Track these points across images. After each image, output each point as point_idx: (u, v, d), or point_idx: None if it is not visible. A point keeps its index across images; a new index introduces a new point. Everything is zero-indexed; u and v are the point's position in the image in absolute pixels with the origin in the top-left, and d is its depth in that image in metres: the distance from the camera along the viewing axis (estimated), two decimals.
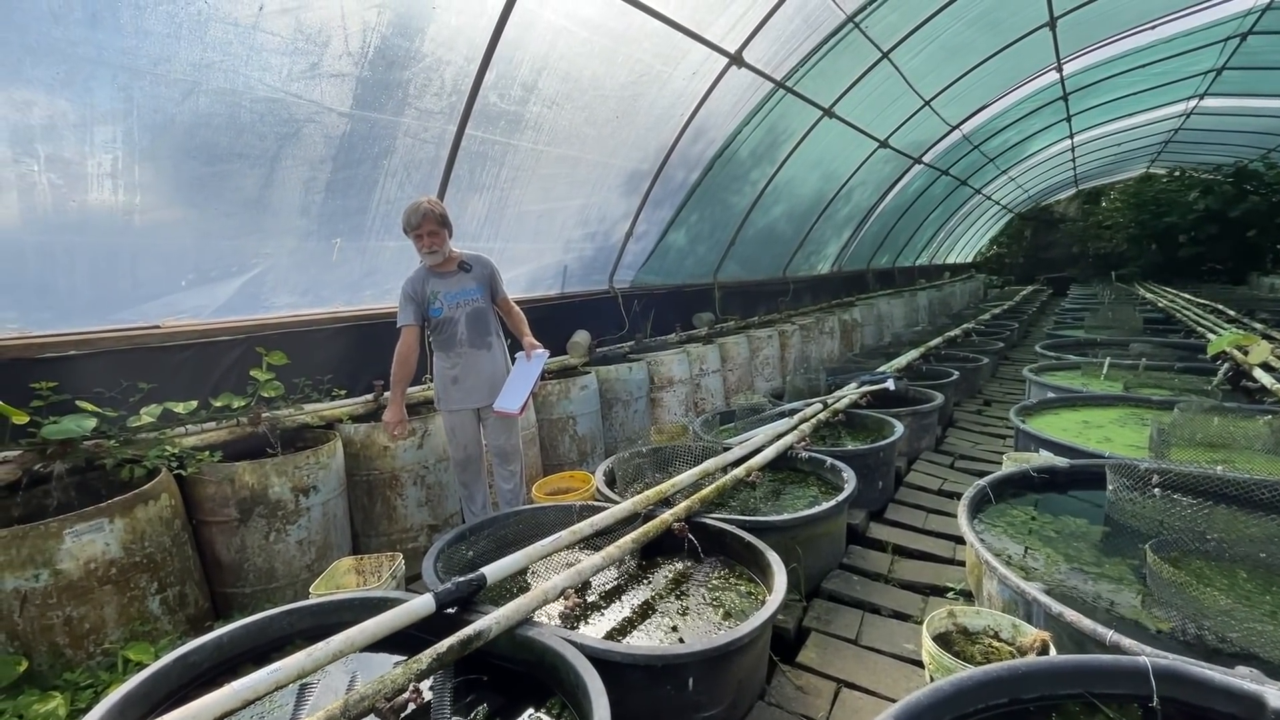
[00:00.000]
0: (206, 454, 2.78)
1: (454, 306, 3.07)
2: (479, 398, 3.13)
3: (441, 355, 3.14)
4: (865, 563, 3.12)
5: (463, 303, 3.08)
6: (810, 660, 2.37)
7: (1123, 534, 2.44)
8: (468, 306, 3.09)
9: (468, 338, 3.09)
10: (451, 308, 3.06)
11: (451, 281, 3.08)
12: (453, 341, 3.09)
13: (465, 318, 3.08)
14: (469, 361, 3.10)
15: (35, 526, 2.12)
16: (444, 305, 3.05)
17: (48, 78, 2.33)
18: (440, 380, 3.16)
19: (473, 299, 3.11)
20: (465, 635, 1.71)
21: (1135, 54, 8.75)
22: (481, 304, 3.13)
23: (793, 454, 3.51)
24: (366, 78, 3.15)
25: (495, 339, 3.20)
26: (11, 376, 2.52)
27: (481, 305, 3.13)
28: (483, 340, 3.14)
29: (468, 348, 3.10)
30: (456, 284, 3.08)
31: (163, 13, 2.42)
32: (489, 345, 3.16)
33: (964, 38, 6.81)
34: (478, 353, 3.11)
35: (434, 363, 3.20)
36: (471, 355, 3.10)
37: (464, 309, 3.08)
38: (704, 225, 6.73)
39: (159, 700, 1.68)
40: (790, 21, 5.10)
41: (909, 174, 10.28)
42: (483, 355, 3.12)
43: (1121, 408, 4.29)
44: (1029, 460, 3.06)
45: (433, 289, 3.04)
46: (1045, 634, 1.74)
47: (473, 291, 3.11)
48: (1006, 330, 9.78)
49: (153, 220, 2.86)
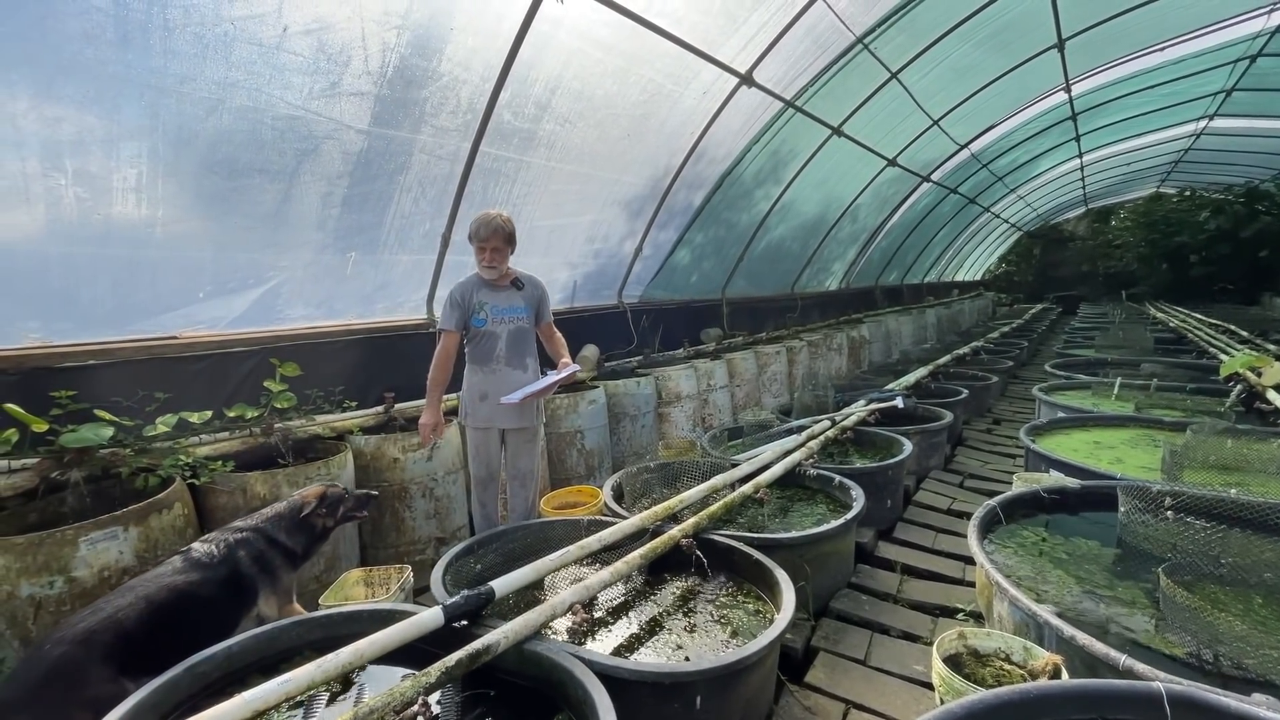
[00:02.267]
0: (219, 464, 2.81)
1: (498, 321, 3.00)
2: (505, 418, 3.03)
3: (475, 368, 3.05)
4: (874, 582, 3.10)
5: (508, 319, 3.02)
6: (818, 680, 2.35)
7: (1135, 557, 2.42)
8: (512, 324, 3.03)
9: (506, 355, 3.02)
10: (495, 321, 3.00)
11: (501, 296, 3.03)
12: (490, 356, 3.02)
13: (508, 334, 3.02)
14: (502, 379, 3.00)
15: (52, 534, 2.15)
16: (489, 317, 2.99)
17: (78, 95, 2.40)
18: (469, 394, 3.07)
19: (519, 317, 3.05)
20: (473, 649, 1.72)
21: (1144, 75, 8.79)
22: (526, 324, 3.08)
23: (801, 471, 3.50)
24: (385, 96, 3.22)
25: (532, 361, 3.12)
26: (32, 385, 2.56)
27: (526, 325, 3.08)
28: (520, 360, 3.06)
29: (504, 365, 3.02)
30: (505, 299, 3.03)
31: (190, 34, 2.49)
32: (526, 366, 3.08)
33: (972, 59, 6.87)
34: (513, 372, 3.03)
35: (465, 375, 3.10)
36: (506, 374, 3.02)
37: (507, 325, 3.02)
38: (712, 241, 6.78)
39: (168, 710, 1.69)
40: (800, 43, 5.17)
41: (917, 192, 10.32)
42: (517, 375, 3.03)
43: (1133, 429, 4.26)
44: (1040, 481, 3.04)
45: (480, 299, 2.98)
46: (1057, 657, 1.73)
47: (520, 310, 3.05)
48: (1016, 349, 9.74)
49: (173, 233, 2.92)
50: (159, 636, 1.87)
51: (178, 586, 1.98)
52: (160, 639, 1.88)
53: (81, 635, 1.75)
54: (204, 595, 2.03)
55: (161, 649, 1.84)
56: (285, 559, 2.32)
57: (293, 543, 2.34)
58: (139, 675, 1.76)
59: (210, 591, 2.05)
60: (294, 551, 2.35)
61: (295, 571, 2.40)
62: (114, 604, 1.87)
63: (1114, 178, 16.46)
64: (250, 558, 2.20)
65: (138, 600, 1.89)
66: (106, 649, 1.76)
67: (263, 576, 2.23)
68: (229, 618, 2.12)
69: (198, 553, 2.12)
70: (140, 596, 1.90)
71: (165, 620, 1.91)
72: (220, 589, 2.08)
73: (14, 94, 2.26)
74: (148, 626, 1.86)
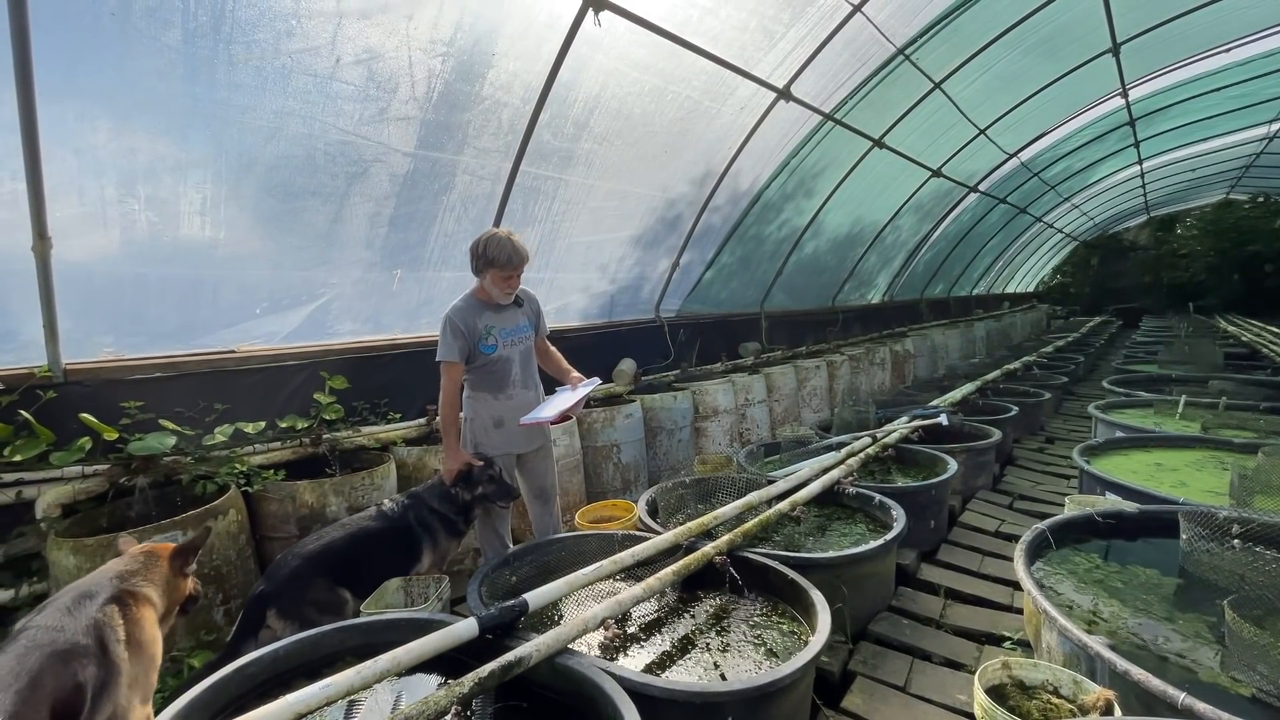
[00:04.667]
0: (271, 472, 2.94)
1: (508, 344, 2.83)
2: (521, 443, 2.92)
3: (485, 396, 2.86)
4: (915, 605, 3.00)
5: (517, 340, 2.87)
6: (855, 706, 2.29)
7: (1198, 588, 2.28)
8: (521, 344, 2.89)
9: (521, 379, 2.88)
10: (506, 345, 2.82)
11: (506, 316, 2.84)
12: (504, 382, 2.84)
13: (519, 356, 2.87)
14: (518, 404, 2.86)
15: (119, 536, 2.28)
16: (498, 342, 2.80)
17: (151, 126, 2.58)
18: (479, 423, 2.87)
19: (525, 336, 2.91)
20: (506, 661, 1.74)
21: (1208, 77, 8.38)
22: (531, 341, 2.96)
23: (839, 489, 3.43)
24: (430, 120, 3.35)
25: (539, 380, 3.02)
26: (105, 396, 2.75)
27: (531, 343, 2.96)
28: (532, 380, 2.96)
29: (519, 389, 2.88)
30: (510, 319, 2.85)
31: (252, 67, 2.65)
32: (537, 386, 2.98)
33: (1020, 66, 6.69)
34: (528, 394, 2.91)
35: (469, 404, 2.90)
36: (521, 398, 2.88)
37: (518, 346, 2.87)
38: (750, 255, 6.75)
39: (220, 708, 1.77)
40: (839, 56, 5.14)
41: (964, 202, 10.06)
42: (531, 398, 2.91)
43: (1199, 450, 4.02)
44: (1094, 504, 2.90)
45: (486, 323, 2.77)
46: (1110, 693, 1.64)
47: (525, 328, 2.92)
48: (1071, 364, 9.32)
49: (233, 253, 3.10)
50: (358, 563, 2.49)
51: (370, 530, 2.59)
52: (359, 565, 2.48)
53: (309, 553, 2.41)
54: (386, 540, 2.60)
55: (360, 573, 2.47)
56: (442, 524, 2.77)
57: (444, 509, 2.77)
58: (343, 588, 2.43)
59: (390, 538, 2.62)
60: (447, 518, 2.77)
61: (452, 540, 2.83)
62: (331, 534, 2.51)
63: (1178, 184, 15.66)
64: (417, 519, 2.72)
65: (345, 534, 2.52)
66: (324, 565, 2.40)
67: (426, 536, 2.73)
68: (401, 561, 2.65)
69: (385, 508, 2.70)
70: (348, 532, 2.54)
71: (361, 552, 2.51)
72: (397, 538, 2.64)
73: (95, 126, 2.45)
74: (350, 554, 2.47)
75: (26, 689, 1.36)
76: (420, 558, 2.71)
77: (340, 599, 2.44)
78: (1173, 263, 21.52)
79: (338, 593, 2.43)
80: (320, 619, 2.27)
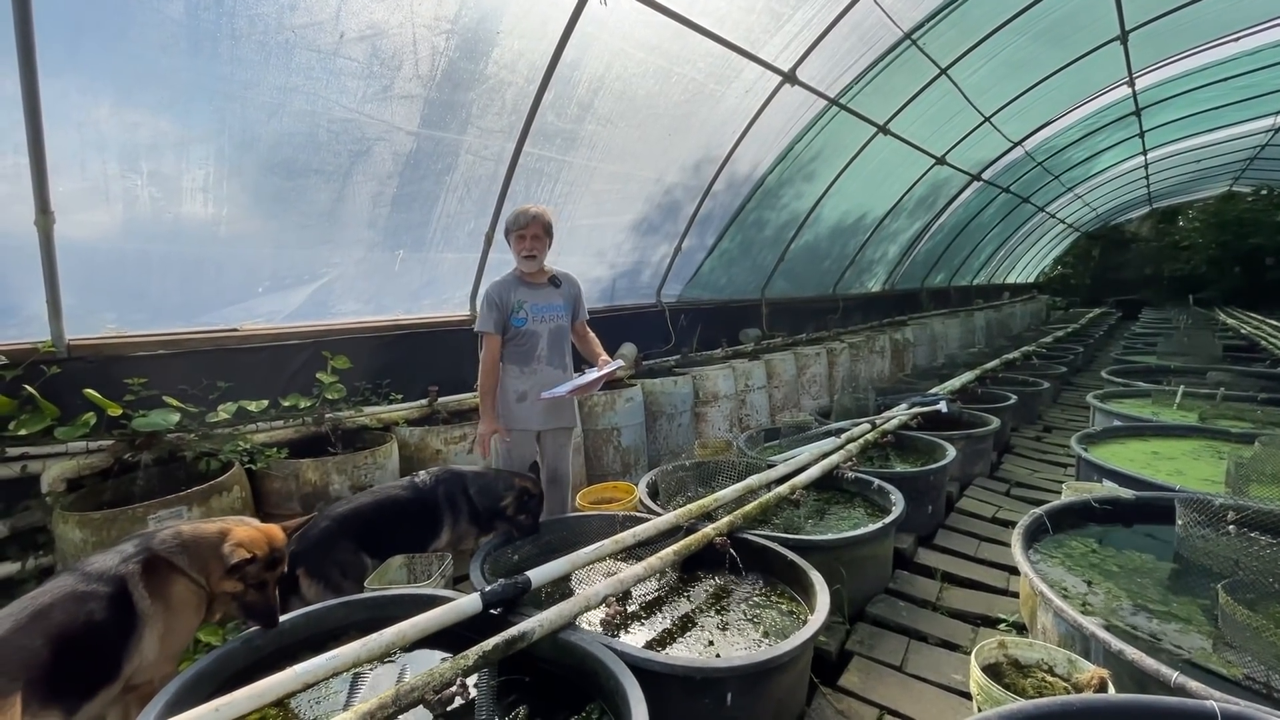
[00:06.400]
0: (274, 450, 2.95)
1: (538, 320, 2.96)
2: (544, 419, 3.01)
3: (513, 369, 2.99)
4: (912, 589, 3.04)
5: (548, 317, 2.98)
6: (852, 684, 2.33)
7: (1192, 573, 2.31)
8: (551, 322, 2.99)
9: (547, 355, 2.98)
10: (536, 320, 2.95)
11: (540, 294, 2.98)
12: (530, 356, 2.97)
13: (548, 333, 2.98)
14: (542, 380, 2.96)
15: (123, 511, 2.31)
16: (528, 316, 2.93)
17: (153, 101, 2.56)
18: (505, 396, 3.01)
19: (558, 315, 3.02)
20: (510, 635, 1.77)
21: (1215, 67, 8.30)
22: (564, 322, 3.05)
23: (839, 474, 3.45)
24: (434, 98, 3.32)
25: (569, 361, 3.10)
26: (108, 372, 2.75)
27: (564, 324, 3.05)
28: (560, 360, 3.03)
29: (545, 365, 2.98)
30: (544, 297, 2.98)
31: (255, 41, 2.63)
32: (564, 366, 3.06)
33: (1027, 52, 6.63)
34: (553, 371, 3.00)
35: (501, 377, 3.04)
36: (546, 374, 2.98)
37: (548, 324, 2.98)
38: (751, 242, 6.73)
39: (226, 679, 1.79)
40: (845, 40, 5.09)
41: (967, 191, 10.01)
42: (556, 375, 3.00)
43: (1196, 439, 4.05)
44: (1091, 490, 2.93)
45: (519, 298, 2.93)
46: (1104, 671, 1.67)
47: (559, 308, 3.02)
48: (1070, 354, 9.34)
49: (236, 231, 3.09)
50: (383, 529, 2.53)
51: (398, 499, 2.65)
52: (383, 531, 2.53)
53: (338, 515, 2.48)
54: (412, 511, 2.66)
55: (383, 539, 2.52)
56: (469, 510, 2.77)
57: (479, 502, 2.76)
58: (366, 552, 2.47)
59: (416, 509, 2.67)
60: (476, 509, 2.76)
61: (474, 529, 2.80)
62: (360, 500, 2.60)
63: (1181, 176, 15.59)
64: (446, 495, 2.74)
65: (374, 501, 2.60)
66: (351, 528, 2.46)
67: (449, 514, 2.73)
68: (423, 535, 2.68)
69: (418, 480, 2.75)
70: (376, 499, 2.62)
71: (388, 520, 2.57)
72: (422, 510, 2.68)
73: (98, 100, 2.43)
74: (377, 520, 2.53)
75: (28, 619, 1.41)
76: (440, 535, 2.71)
77: (362, 563, 2.47)
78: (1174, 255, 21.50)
79: (360, 557, 2.47)
80: (343, 582, 2.36)
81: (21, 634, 1.38)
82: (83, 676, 1.49)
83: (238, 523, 1.89)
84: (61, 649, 1.42)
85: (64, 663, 1.42)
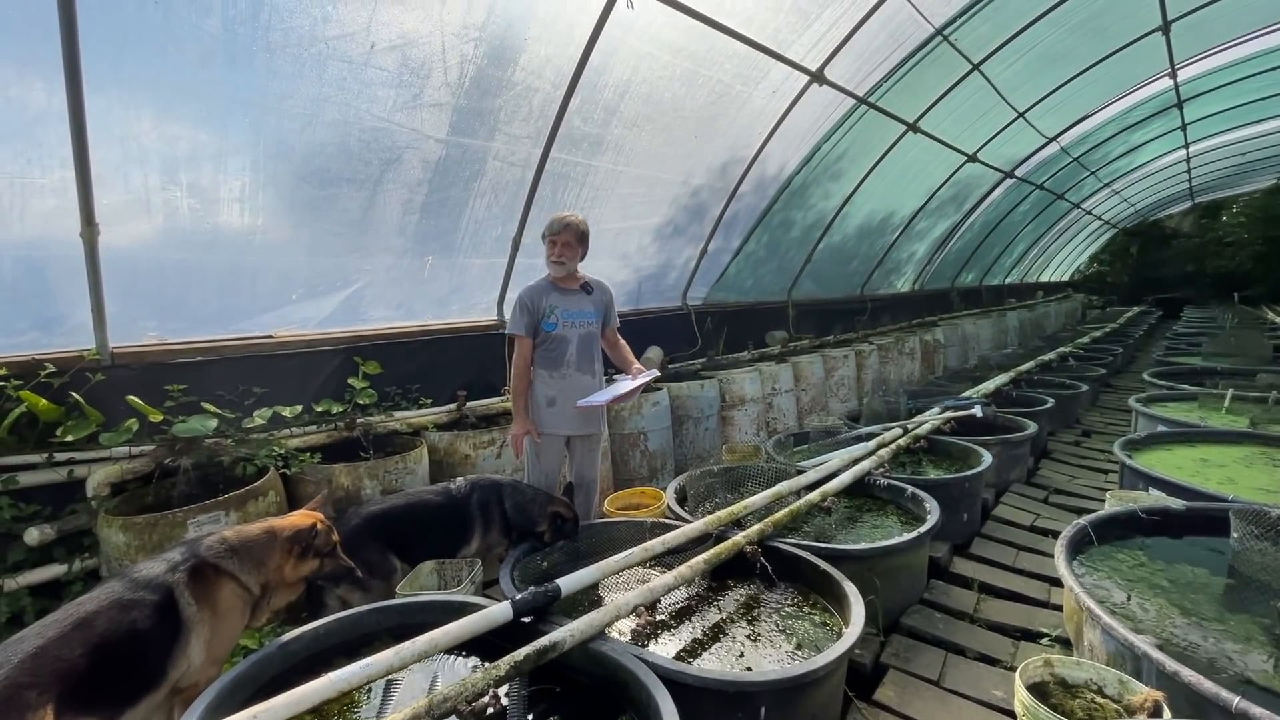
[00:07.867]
0: (308, 455, 3.00)
1: (569, 325, 2.98)
2: (574, 424, 3.03)
3: (543, 373, 3.01)
4: (948, 599, 2.96)
5: (578, 323, 3.01)
6: (888, 699, 2.27)
7: (1250, 588, 2.21)
8: (582, 328, 3.02)
9: (576, 360, 3.00)
10: (566, 326, 2.98)
11: (571, 299, 3.01)
12: (559, 361, 2.99)
13: (578, 339, 3.00)
14: (571, 385, 2.99)
15: (164, 515, 2.36)
16: (559, 321, 2.96)
17: (193, 114, 2.62)
18: (534, 399, 3.03)
19: (589, 321, 3.04)
20: (541, 645, 1.76)
21: (1262, 57, 7.97)
22: (595, 329, 3.07)
23: (870, 480, 3.39)
24: (462, 106, 3.35)
25: (599, 367, 3.12)
26: (150, 379, 2.82)
27: (594, 330, 3.08)
28: (589, 366, 3.05)
29: (574, 370, 3.00)
30: (575, 303, 3.01)
31: (289, 54, 2.67)
32: (594, 372, 3.07)
33: (1064, 45, 6.44)
34: (582, 377, 3.02)
35: (533, 382, 3.07)
36: (575, 379, 3.00)
37: (578, 330, 3.00)
38: (778, 243, 6.66)
39: (264, 683, 1.82)
40: (874, 38, 5.00)
41: (999, 188, 9.77)
42: (586, 381, 3.02)
43: (1248, 446, 3.88)
44: (1137, 500, 2.82)
45: (550, 303, 2.96)
46: (1158, 694, 1.60)
47: (590, 314, 3.05)
48: (1109, 355, 9.06)
49: (271, 240, 3.15)
50: (412, 533, 2.58)
51: (430, 503, 2.69)
52: (413, 535, 2.57)
53: (370, 514, 2.54)
54: (443, 516, 2.69)
55: (413, 542, 2.56)
56: (502, 523, 2.78)
57: (513, 518, 2.78)
58: (393, 552, 2.52)
59: (448, 516, 2.70)
60: (509, 521, 2.78)
61: (504, 539, 2.82)
62: (391, 501, 2.65)
63: (1225, 169, 15.00)
64: (480, 504, 2.76)
65: (405, 504, 2.65)
66: (379, 529, 2.51)
67: (480, 523, 2.75)
68: (453, 541, 2.70)
69: (453, 487, 2.79)
70: (407, 501, 2.67)
71: (417, 522, 2.61)
72: (454, 516, 2.71)
73: (140, 115, 2.49)
74: (405, 522, 2.58)
75: (70, 627, 1.44)
76: (470, 542, 2.73)
77: (390, 565, 2.51)
78: (1218, 251, 20.71)
79: (388, 557, 2.51)
80: (369, 580, 2.39)
81: (61, 643, 1.41)
82: (125, 683, 1.52)
83: (278, 519, 1.96)
84: (102, 658, 1.45)
85: (104, 671, 1.45)
